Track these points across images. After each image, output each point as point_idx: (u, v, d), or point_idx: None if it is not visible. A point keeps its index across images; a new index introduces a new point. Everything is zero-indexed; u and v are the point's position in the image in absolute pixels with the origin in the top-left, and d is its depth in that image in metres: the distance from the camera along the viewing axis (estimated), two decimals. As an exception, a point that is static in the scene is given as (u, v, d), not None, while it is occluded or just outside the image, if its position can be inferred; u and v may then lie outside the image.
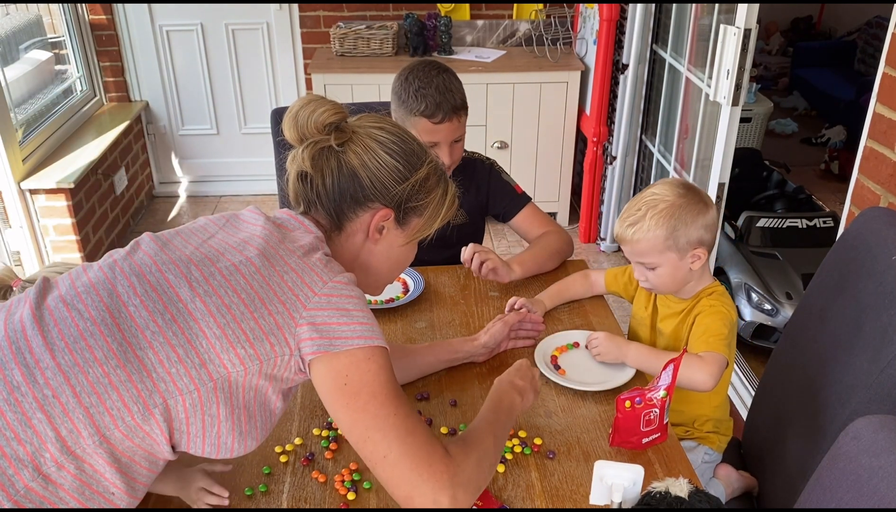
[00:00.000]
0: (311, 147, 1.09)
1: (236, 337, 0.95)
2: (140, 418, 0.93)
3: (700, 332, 1.41)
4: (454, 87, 1.72)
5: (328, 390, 1.00)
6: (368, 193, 1.10)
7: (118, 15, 3.81)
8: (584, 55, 3.65)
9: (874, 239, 1.34)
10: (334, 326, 0.98)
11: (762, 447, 1.60)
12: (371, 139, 1.11)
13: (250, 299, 0.96)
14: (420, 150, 1.15)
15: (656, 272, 1.43)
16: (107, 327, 0.94)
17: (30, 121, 3.29)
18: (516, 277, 1.72)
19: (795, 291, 2.69)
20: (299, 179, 1.12)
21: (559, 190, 3.77)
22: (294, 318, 0.97)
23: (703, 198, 1.41)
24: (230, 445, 1.01)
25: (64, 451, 0.90)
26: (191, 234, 1.08)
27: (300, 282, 0.99)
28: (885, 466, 0.89)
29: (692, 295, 1.47)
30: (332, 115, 1.09)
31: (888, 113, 1.61)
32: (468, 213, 1.94)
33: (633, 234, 1.39)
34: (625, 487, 1.07)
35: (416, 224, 1.16)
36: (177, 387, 0.93)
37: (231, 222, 1.10)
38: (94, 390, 0.91)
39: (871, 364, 1.23)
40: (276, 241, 1.03)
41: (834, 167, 4.33)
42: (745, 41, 2.24)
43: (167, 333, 0.94)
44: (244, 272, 0.98)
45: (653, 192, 1.41)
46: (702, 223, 1.39)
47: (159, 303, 0.95)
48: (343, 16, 3.82)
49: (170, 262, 1.00)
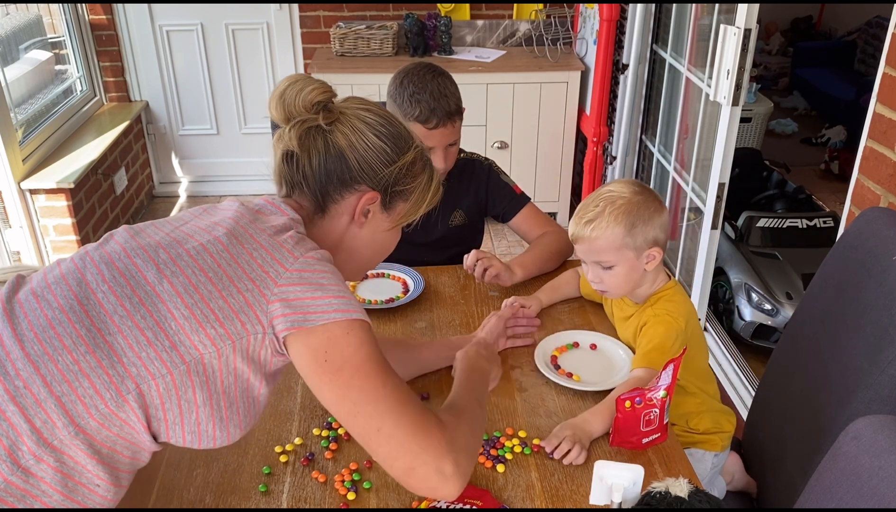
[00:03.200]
0: (298, 126, 1.07)
1: (205, 316, 0.93)
2: (114, 405, 0.91)
3: (644, 344, 1.39)
4: (449, 91, 1.72)
5: (308, 367, 0.97)
6: (355, 175, 1.09)
7: (118, 15, 3.81)
8: (584, 55, 3.65)
9: (874, 239, 1.34)
10: (307, 300, 0.95)
11: (762, 447, 1.60)
12: (359, 120, 1.10)
13: (217, 278, 0.94)
14: (406, 134, 1.14)
15: (612, 272, 1.41)
16: (75, 315, 0.93)
17: (30, 121, 3.29)
18: (518, 280, 1.73)
19: (795, 291, 2.69)
20: (284, 160, 1.11)
21: (559, 190, 3.77)
22: (265, 295, 0.95)
23: (658, 198, 1.41)
24: (211, 433, 0.98)
25: (40, 443, 0.89)
26: (165, 222, 1.06)
27: (270, 259, 0.97)
28: (885, 466, 0.89)
29: (644, 299, 1.46)
30: (320, 94, 1.07)
31: (888, 113, 1.61)
32: (467, 213, 1.94)
33: (592, 230, 1.38)
34: (625, 487, 1.07)
35: (401, 209, 1.15)
36: (148, 371, 0.92)
37: (207, 211, 1.09)
38: (64, 378, 0.90)
39: (871, 364, 1.23)
40: (246, 221, 1.01)
41: (834, 167, 4.33)
42: (745, 41, 2.24)
43: (135, 316, 0.92)
44: (211, 251, 0.97)
45: (609, 189, 1.41)
46: (658, 222, 1.39)
47: (127, 287, 0.94)
48: (343, 16, 3.82)
49: (139, 248, 0.99)
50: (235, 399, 0.99)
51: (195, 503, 1.17)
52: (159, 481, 1.21)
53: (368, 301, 1.69)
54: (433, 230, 1.93)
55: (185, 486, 1.20)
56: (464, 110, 1.80)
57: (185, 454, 1.26)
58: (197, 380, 0.94)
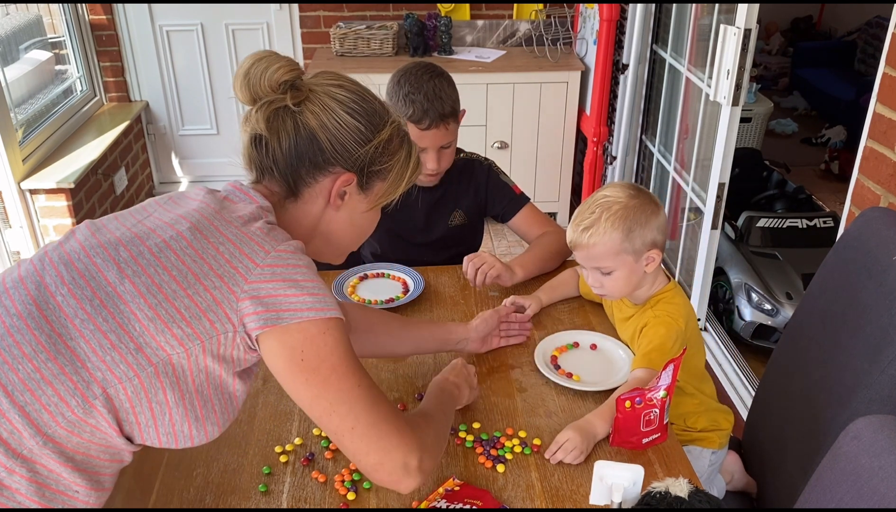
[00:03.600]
0: (265, 107, 1.02)
1: (170, 316, 0.89)
2: (81, 412, 0.88)
3: (645, 344, 1.39)
4: (444, 94, 1.71)
5: (283, 367, 0.95)
6: (328, 157, 1.04)
7: (118, 15, 3.81)
8: (584, 55, 3.65)
9: (874, 239, 1.34)
10: (281, 298, 0.92)
11: (762, 447, 1.60)
12: (330, 98, 1.04)
13: (182, 276, 0.90)
14: (382, 109, 1.08)
15: (612, 277, 1.40)
16: (33, 320, 0.89)
17: (30, 121, 3.29)
18: (519, 280, 1.72)
19: (795, 291, 2.69)
20: (253, 144, 1.05)
21: (559, 190, 3.77)
22: (234, 292, 0.91)
23: (654, 199, 1.41)
24: (187, 432, 0.95)
25: (9, 454, 0.87)
26: (128, 215, 1.02)
27: (238, 253, 0.93)
28: (885, 466, 0.89)
29: (644, 300, 1.46)
30: (286, 73, 1.01)
31: (888, 113, 1.61)
32: (467, 213, 1.94)
33: (590, 237, 1.36)
34: (625, 487, 1.07)
35: (379, 188, 1.10)
36: (114, 375, 0.88)
37: (173, 199, 1.04)
38: (26, 387, 0.87)
39: (871, 364, 1.23)
40: (211, 213, 0.97)
41: (834, 167, 4.33)
42: (745, 41, 2.24)
43: (97, 319, 0.89)
44: (174, 248, 0.92)
45: (604, 194, 1.39)
46: (655, 224, 1.38)
47: (87, 289, 0.90)
48: (343, 16, 3.82)
49: (98, 245, 0.94)
50: (210, 397, 0.96)
51: (195, 503, 1.17)
52: (159, 481, 1.21)
53: (368, 301, 1.69)
54: (433, 230, 1.93)
55: (185, 486, 1.20)
56: (462, 113, 1.80)
57: (185, 454, 1.26)
58: (167, 381, 0.91)
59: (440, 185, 1.90)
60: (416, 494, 1.18)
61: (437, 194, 1.90)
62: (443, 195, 1.91)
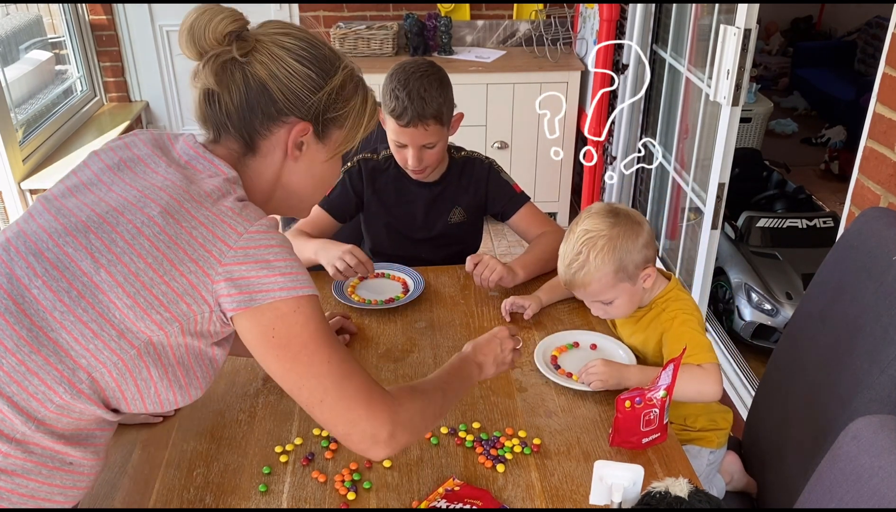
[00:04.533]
0: (212, 61, 1.00)
1: (149, 303, 0.90)
2: (69, 396, 0.90)
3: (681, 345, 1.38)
4: (429, 95, 1.69)
5: (255, 342, 0.97)
6: (281, 107, 1.02)
7: (118, 15, 3.81)
8: (584, 55, 3.65)
9: (874, 239, 1.34)
10: (253, 279, 0.93)
11: (762, 447, 1.60)
12: (278, 47, 1.01)
13: (158, 263, 0.90)
14: (332, 55, 1.06)
15: (614, 304, 1.41)
16: (11, 315, 0.90)
17: (30, 121, 3.28)
18: (520, 281, 1.73)
19: (795, 291, 2.69)
20: (206, 100, 1.03)
21: (559, 190, 3.77)
22: (209, 274, 0.92)
23: (634, 217, 1.39)
24: (173, 399, 0.99)
25: (3, 440, 0.89)
26: (84, 190, 0.99)
27: (211, 236, 0.92)
28: (885, 466, 0.89)
29: (648, 302, 1.46)
30: (230, 23, 0.99)
31: (888, 113, 1.61)
32: (466, 211, 1.94)
33: (583, 277, 1.36)
34: (625, 487, 1.07)
35: (337, 137, 1.09)
36: (98, 360, 0.91)
37: (127, 165, 1.01)
38: (12, 379, 0.89)
39: (871, 364, 1.23)
40: (180, 193, 0.95)
41: (834, 167, 4.33)
42: (745, 41, 2.24)
43: (76, 310, 0.90)
44: (147, 234, 0.91)
45: (584, 229, 1.37)
46: (642, 243, 1.37)
47: (63, 281, 0.90)
48: (343, 16, 3.82)
49: (65, 232, 0.93)
50: (191, 366, 0.98)
51: (195, 503, 1.17)
52: (159, 481, 1.21)
53: (368, 301, 1.69)
54: (432, 227, 1.93)
55: (185, 486, 1.20)
56: (458, 116, 1.79)
57: (185, 454, 1.26)
58: (149, 359, 0.93)
59: (440, 182, 1.90)
60: (417, 493, 1.18)
61: (436, 191, 1.90)
62: (442, 192, 1.91)
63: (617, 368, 1.38)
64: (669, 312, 1.42)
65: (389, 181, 1.89)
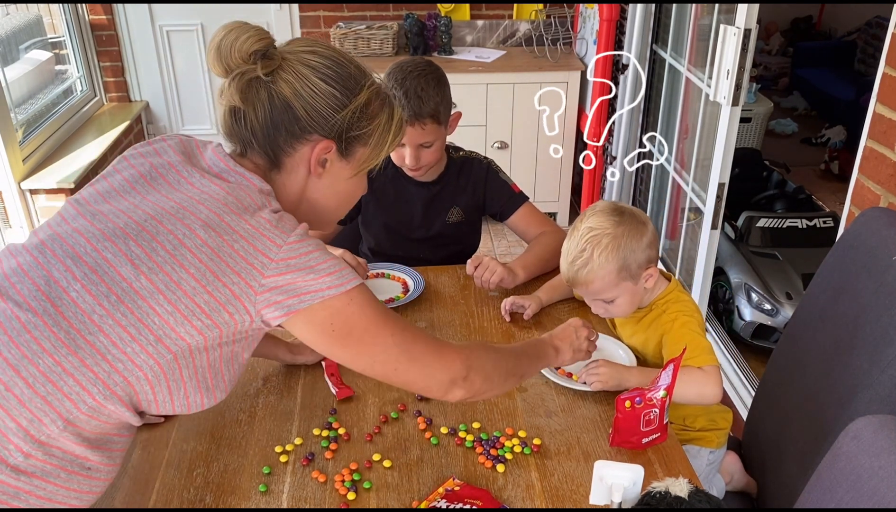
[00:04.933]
0: (238, 79, 1.01)
1: (190, 311, 0.92)
2: (101, 398, 0.92)
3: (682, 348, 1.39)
4: (427, 94, 1.69)
5: (317, 338, 1.01)
6: (304, 125, 1.03)
7: (118, 15, 3.81)
8: (584, 55, 3.65)
9: (874, 239, 1.34)
10: (300, 284, 0.95)
11: (762, 447, 1.60)
12: (303, 65, 1.03)
13: (200, 274, 0.92)
14: (358, 72, 1.07)
15: (615, 303, 1.41)
16: (50, 317, 0.91)
17: (30, 121, 3.28)
18: (521, 281, 1.72)
19: (795, 291, 2.69)
20: (232, 116, 1.05)
21: (559, 190, 3.77)
22: (252, 286, 0.94)
23: (639, 216, 1.39)
24: (199, 401, 1.01)
25: (28, 439, 0.89)
26: (118, 196, 1.00)
27: (252, 249, 0.94)
28: (885, 466, 0.89)
29: (648, 303, 1.46)
30: (256, 42, 1.00)
31: (888, 113, 1.61)
32: (465, 211, 1.94)
33: (586, 275, 1.36)
34: (625, 487, 1.07)
35: (361, 154, 1.09)
36: (135, 364, 0.92)
37: (160, 174, 1.02)
38: (48, 379, 0.89)
39: (871, 364, 1.23)
40: (218, 206, 0.96)
41: (834, 167, 4.33)
42: (745, 41, 2.24)
43: (115, 314, 0.91)
44: (189, 245, 0.93)
45: (589, 226, 1.37)
46: (646, 243, 1.37)
47: (102, 285, 0.91)
48: (343, 16, 3.82)
49: (103, 237, 0.94)
50: (220, 369, 1.00)
51: (195, 503, 1.17)
52: (159, 481, 1.21)
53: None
54: (430, 227, 1.93)
55: (185, 486, 1.20)
56: (456, 115, 1.79)
57: (185, 454, 1.26)
58: (184, 362, 0.95)
59: (437, 182, 1.90)
60: (417, 493, 1.18)
61: (434, 191, 1.90)
62: (440, 192, 1.91)
63: (618, 370, 1.37)
64: (670, 313, 1.42)
65: (387, 181, 1.89)
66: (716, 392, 1.33)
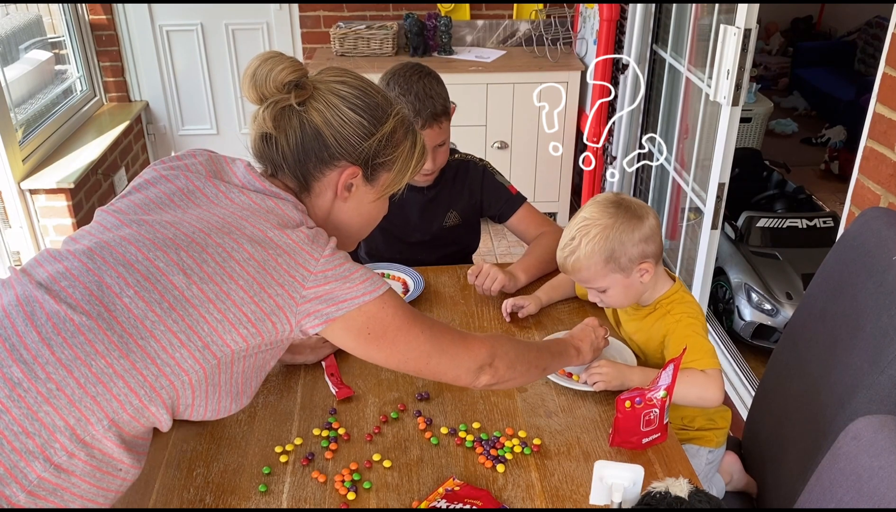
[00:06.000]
0: (271, 107, 1.07)
1: (238, 319, 0.97)
2: (147, 400, 0.95)
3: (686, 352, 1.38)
4: (434, 92, 1.70)
5: (354, 342, 1.07)
6: (334, 152, 1.09)
7: (118, 15, 3.81)
8: (584, 55, 3.65)
9: (874, 239, 1.34)
10: (338, 293, 1.02)
11: (762, 447, 1.60)
12: (333, 95, 1.08)
13: (248, 285, 0.98)
14: (385, 102, 1.12)
15: (608, 294, 1.42)
16: (104, 321, 0.94)
17: (30, 121, 3.28)
18: (522, 284, 1.72)
19: (795, 291, 2.69)
20: (263, 141, 1.10)
21: (559, 190, 3.77)
22: (293, 298, 1.00)
23: (637, 210, 1.37)
24: (228, 406, 1.06)
25: (74, 439, 0.92)
26: (158, 209, 1.05)
27: (293, 262, 1.00)
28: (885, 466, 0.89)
29: (651, 302, 1.46)
30: (290, 73, 1.06)
31: (888, 113, 1.61)
32: (462, 214, 1.94)
33: (573, 263, 1.37)
34: (625, 487, 1.07)
35: (385, 179, 1.15)
36: (182, 368, 0.96)
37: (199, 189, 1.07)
38: (99, 380, 0.92)
39: (871, 364, 1.23)
40: (261, 221, 1.02)
41: (834, 167, 4.33)
42: (745, 41, 2.24)
43: (167, 321, 0.95)
44: (237, 258, 0.98)
45: (584, 216, 1.38)
46: (639, 237, 1.35)
47: (155, 293, 0.95)
48: (343, 16, 3.82)
49: (154, 246, 0.99)
50: (251, 377, 1.06)
51: (195, 503, 1.17)
52: (159, 481, 1.21)
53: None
54: (428, 230, 1.93)
55: (185, 486, 1.20)
56: (452, 109, 1.79)
57: (185, 454, 1.26)
58: (224, 368, 1.00)
59: (434, 186, 1.89)
60: (417, 493, 1.18)
61: (430, 195, 1.90)
62: (436, 196, 1.90)
63: (620, 370, 1.37)
64: (674, 314, 1.42)
65: None
66: (717, 396, 1.33)
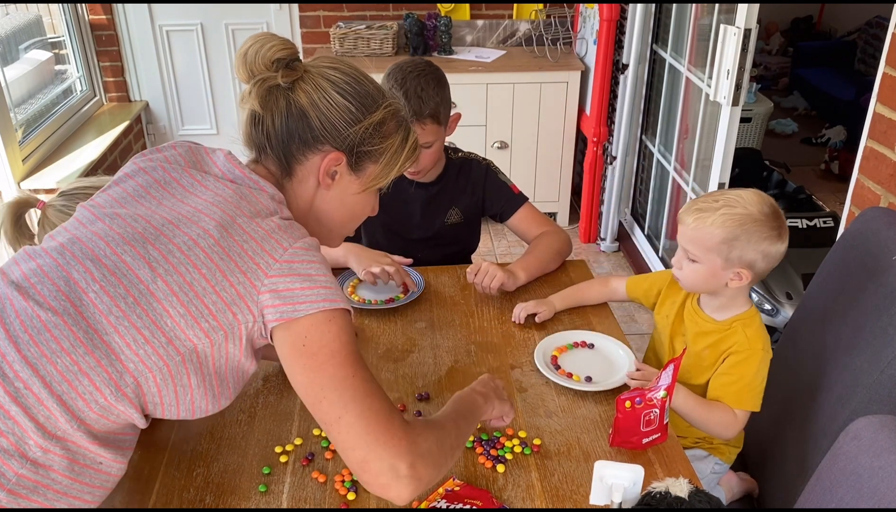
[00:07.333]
0: (259, 85, 1.06)
1: (199, 312, 0.95)
2: (112, 398, 0.94)
3: (736, 380, 1.35)
4: (427, 94, 1.69)
5: (287, 352, 0.99)
6: (318, 135, 1.07)
7: (118, 15, 3.81)
8: (584, 55, 3.65)
9: (874, 239, 1.34)
10: (297, 291, 0.97)
11: (762, 447, 1.60)
12: (323, 79, 1.07)
13: (211, 273, 0.95)
14: (377, 92, 1.11)
15: (693, 267, 1.36)
16: (70, 317, 0.93)
17: (30, 121, 3.28)
18: (522, 283, 1.72)
19: (795, 291, 2.69)
20: (251, 121, 1.09)
21: (559, 190, 3.77)
22: (255, 286, 0.96)
23: (781, 230, 1.33)
24: (205, 407, 1.03)
25: (45, 436, 0.92)
26: (134, 202, 1.03)
27: (260, 249, 0.97)
28: (885, 466, 0.89)
29: (726, 318, 1.41)
30: (279, 51, 1.05)
31: (888, 113, 1.61)
32: (464, 212, 1.94)
33: (695, 221, 1.33)
34: (625, 487, 1.07)
35: (371, 171, 1.12)
36: (146, 365, 0.94)
37: (176, 180, 1.06)
38: (64, 378, 0.92)
39: (871, 364, 1.23)
40: (232, 209, 1.00)
41: (834, 167, 4.33)
42: (745, 41, 2.24)
43: (131, 316, 0.94)
44: (203, 245, 0.96)
45: (738, 194, 1.33)
46: (764, 249, 1.31)
47: (120, 287, 0.94)
48: (343, 16, 3.82)
49: (123, 241, 0.97)
50: (226, 377, 1.03)
51: (195, 503, 1.17)
52: (159, 481, 1.21)
53: (368, 301, 1.69)
54: (429, 227, 1.93)
55: (185, 486, 1.20)
56: (455, 116, 1.79)
57: (185, 454, 1.26)
58: (191, 367, 0.97)
59: (437, 183, 1.90)
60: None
61: (433, 191, 1.90)
62: (439, 193, 1.91)
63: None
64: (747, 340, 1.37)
65: None
66: (732, 435, 1.34)
